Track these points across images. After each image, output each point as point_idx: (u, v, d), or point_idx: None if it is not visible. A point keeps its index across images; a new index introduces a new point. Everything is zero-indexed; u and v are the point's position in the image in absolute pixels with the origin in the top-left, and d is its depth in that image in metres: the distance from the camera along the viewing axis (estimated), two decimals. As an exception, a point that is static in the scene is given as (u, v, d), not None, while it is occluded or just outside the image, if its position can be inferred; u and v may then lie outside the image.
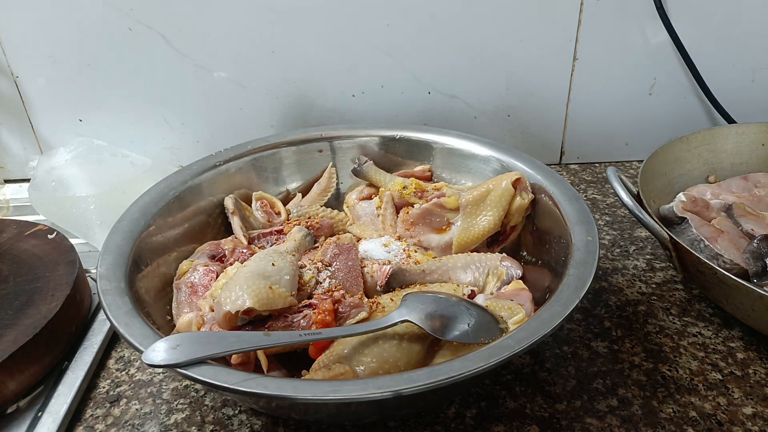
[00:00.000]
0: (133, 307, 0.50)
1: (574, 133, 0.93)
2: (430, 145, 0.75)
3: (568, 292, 0.49)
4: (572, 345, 0.60)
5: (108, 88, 0.86)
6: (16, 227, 0.69)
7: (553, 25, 0.84)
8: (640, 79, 0.89)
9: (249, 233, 0.67)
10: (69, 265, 0.62)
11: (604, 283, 0.69)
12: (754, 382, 0.56)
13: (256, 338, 0.47)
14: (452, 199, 0.67)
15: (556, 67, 0.88)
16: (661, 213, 0.71)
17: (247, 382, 0.42)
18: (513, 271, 0.60)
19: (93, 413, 0.54)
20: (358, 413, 0.50)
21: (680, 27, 0.84)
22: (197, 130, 0.91)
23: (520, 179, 0.65)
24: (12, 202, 0.89)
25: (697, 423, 0.52)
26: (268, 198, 0.73)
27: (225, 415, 0.54)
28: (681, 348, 0.60)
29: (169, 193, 0.65)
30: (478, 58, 0.86)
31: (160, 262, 0.60)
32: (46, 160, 0.82)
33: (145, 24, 0.82)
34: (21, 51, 0.84)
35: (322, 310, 0.53)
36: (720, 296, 0.60)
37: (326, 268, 0.59)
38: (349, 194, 0.76)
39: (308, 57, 0.85)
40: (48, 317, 0.56)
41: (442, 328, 0.50)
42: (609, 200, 0.85)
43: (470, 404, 0.54)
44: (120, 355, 0.61)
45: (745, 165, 0.80)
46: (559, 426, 0.52)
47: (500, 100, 0.90)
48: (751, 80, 0.90)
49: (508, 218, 0.65)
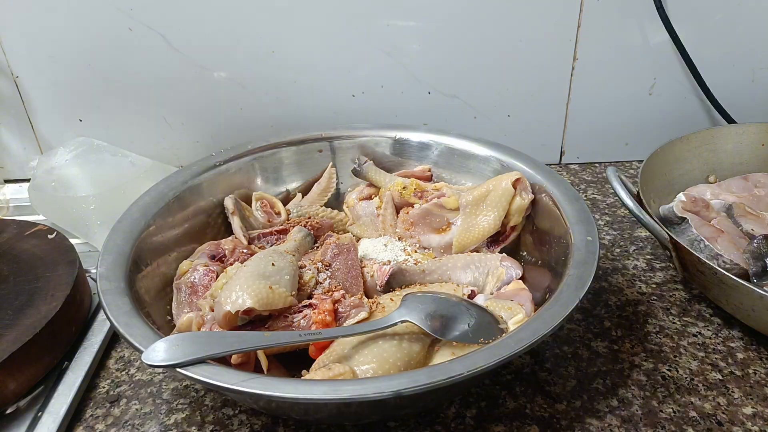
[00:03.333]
0: (133, 307, 0.50)
1: (574, 133, 0.93)
2: (430, 145, 0.75)
3: (568, 292, 0.50)
4: (572, 345, 0.60)
5: (108, 88, 0.86)
6: (16, 227, 0.69)
7: (553, 25, 0.84)
8: (640, 79, 0.89)
9: (249, 233, 0.67)
10: (69, 265, 0.62)
11: (604, 283, 0.69)
12: (754, 382, 0.56)
13: (256, 338, 0.47)
14: (452, 199, 0.67)
15: (556, 67, 0.88)
16: (661, 213, 0.71)
17: (247, 382, 0.42)
18: (513, 271, 0.60)
19: (93, 413, 0.54)
20: (358, 413, 0.50)
21: (680, 27, 0.84)
22: (197, 130, 0.91)
23: (520, 179, 0.65)
24: (12, 202, 0.89)
25: (697, 423, 0.52)
26: (268, 198, 0.73)
27: (225, 415, 0.54)
28: (681, 348, 0.60)
29: (169, 193, 0.65)
30: (478, 58, 0.86)
31: (160, 262, 0.60)
32: (46, 160, 0.82)
33: (145, 24, 0.82)
34: (21, 51, 0.84)
35: (322, 310, 0.53)
36: (720, 296, 0.60)
37: (326, 268, 0.59)
38: (349, 194, 0.76)
39: (308, 57, 0.85)
40: (48, 317, 0.55)
41: (442, 328, 0.50)
42: (609, 200, 0.85)
43: (470, 404, 0.54)
44: (120, 355, 0.61)
45: (745, 165, 0.80)
46: (559, 426, 0.52)
47: (500, 100, 0.90)
48: (751, 80, 0.90)
49: (508, 218, 0.65)
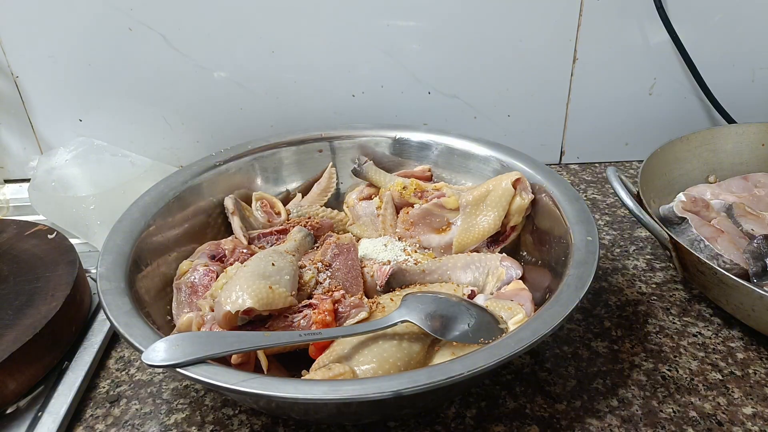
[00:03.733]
0: (133, 307, 0.50)
1: (574, 133, 0.93)
2: (430, 145, 0.75)
3: (568, 292, 0.50)
4: (572, 345, 0.60)
5: (108, 88, 0.86)
6: (16, 227, 0.69)
7: (553, 25, 0.84)
8: (640, 79, 0.89)
9: (249, 233, 0.67)
10: (69, 265, 0.62)
11: (604, 283, 0.69)
12: (754, 382, 0.56)
13: (256, 338, 0.47)
14: (452, 199, 0.67)
15: (556, 67, 0.88)
16: (661, 213, 0.71)
17: (247, 382, 0.42)
18: (513, 271, 0.60)
19: (93, 413, 0.54)
20: (358, 413, 0.50)
21: (680, 27, 0.84)
22: (197, 130, 0.90)
23: (520, 179, 0.65)
24: (12, 202, 0.89)
25: (697, 423, 0.52)
26: (268, 198, 0.73)
27: (225, 415, 0.54)
28: (681, 348, 0.60)
29: (169, 193, 0.65)
30: (478, 58, 0.86)
31: (160, 262, 0.60)
32: (46, 160, 0.82)
33: (145, 24, 0.82)
34: (21, 51, 0.83)
35: (322, 310, 0.53)
36: (720, 296, 0.60)
37: (326, 269, 0.59)
38: (349, 194, 0.76)
39: (308, 57, 0.85)
40: (48, 317, 0.55)
41: (442, 329, 0.50)
42: (609, 200, 0.85)
43: (470, 404, 0.54)
44: (120, 355, 0.61)
45: (745, 165, 0.80)
46: (559, 426, 0.52)
47: (500, 100, 0.90)
48: (751, 80, 0.90)
49: (508, 218, 0.65)
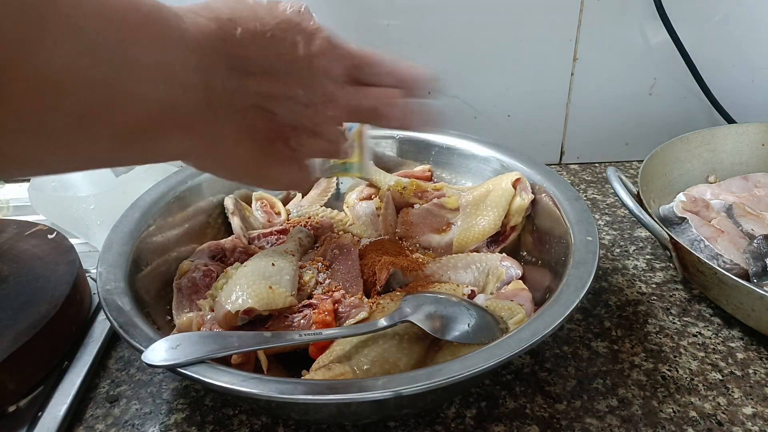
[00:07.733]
0: (133, 307, 0.50)
1: (574, 133, 0.93)
2: (430, 145, 0.75)
3: (568, 292, 0.50)
4: (572, 345, 0.60)
5: (108, 88, 0.86)
6: (16, 227, 0.69)
7: (553, 25, 0.84)
8: (640, 79, 0.89)
9: (249, 233, 0.67)
10: (69, 265, 0.62)
11: (604, 283, 0.69)
12: (754, 382, 0.56)
13: (256, 338, 0.47)
14: (452, 200, 0.67)
15: (556, 67, 0.88)
16: (661, 213, 0.71)
17: (247, 382, 0.42)
18: (513, 271, 0.60)
19: (93, 413, 0.54)
20: (358, 413, 0.50)
21: (680, 27, 0.84)
22: (197, 130, 0.90)
23: (520, 179, 0.65)
24: (12, 202, 0.89)
25: (697, 423, 0.52)
26: (268, 198, 0.73)
27: (225, 415, 0.54)
28: (681, 348, 0.60)
29: (169, 193, 0.65)
30: (478, 58, 0.86)
31: (160, 262, 0.60)
32: (46, 160, 0.82)
33: (145, 24, 0.81)
34: (21, 51, 0.83)
35: (322, 310, 0.53)
36: (720, 296, 0.60)
37: (326, 269, 0.59)
38: (349, 194, 0.76)
39: (308, 57, 0.85)
40: (48, 317, 0.55)
41: (442, 329, 0.50)
42: (609, 200, 0.85)
43: (470, 404, 0.54)
44: (120, 355, 0.61)
45: (745, 165, 0.81)
46: (559, 426, 0.52)
47: (500, 100, 0.90)
48: (751, 80, 0.90)
49: (508, 218, 0.65)
